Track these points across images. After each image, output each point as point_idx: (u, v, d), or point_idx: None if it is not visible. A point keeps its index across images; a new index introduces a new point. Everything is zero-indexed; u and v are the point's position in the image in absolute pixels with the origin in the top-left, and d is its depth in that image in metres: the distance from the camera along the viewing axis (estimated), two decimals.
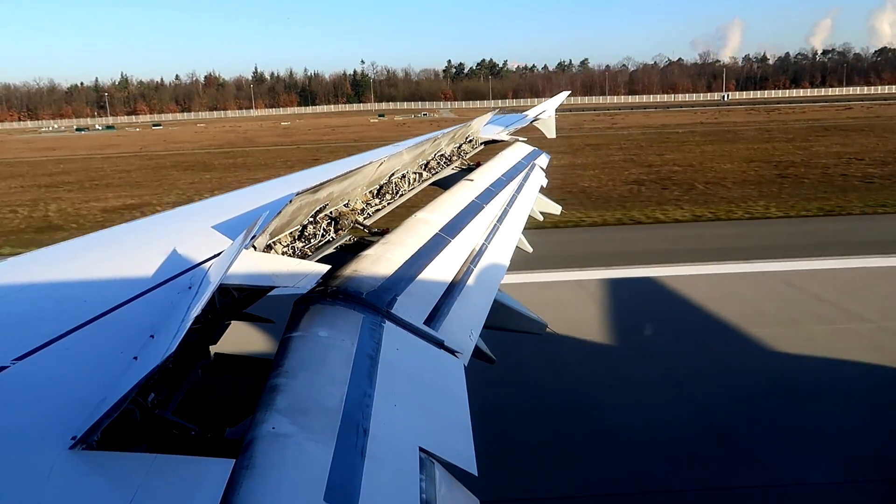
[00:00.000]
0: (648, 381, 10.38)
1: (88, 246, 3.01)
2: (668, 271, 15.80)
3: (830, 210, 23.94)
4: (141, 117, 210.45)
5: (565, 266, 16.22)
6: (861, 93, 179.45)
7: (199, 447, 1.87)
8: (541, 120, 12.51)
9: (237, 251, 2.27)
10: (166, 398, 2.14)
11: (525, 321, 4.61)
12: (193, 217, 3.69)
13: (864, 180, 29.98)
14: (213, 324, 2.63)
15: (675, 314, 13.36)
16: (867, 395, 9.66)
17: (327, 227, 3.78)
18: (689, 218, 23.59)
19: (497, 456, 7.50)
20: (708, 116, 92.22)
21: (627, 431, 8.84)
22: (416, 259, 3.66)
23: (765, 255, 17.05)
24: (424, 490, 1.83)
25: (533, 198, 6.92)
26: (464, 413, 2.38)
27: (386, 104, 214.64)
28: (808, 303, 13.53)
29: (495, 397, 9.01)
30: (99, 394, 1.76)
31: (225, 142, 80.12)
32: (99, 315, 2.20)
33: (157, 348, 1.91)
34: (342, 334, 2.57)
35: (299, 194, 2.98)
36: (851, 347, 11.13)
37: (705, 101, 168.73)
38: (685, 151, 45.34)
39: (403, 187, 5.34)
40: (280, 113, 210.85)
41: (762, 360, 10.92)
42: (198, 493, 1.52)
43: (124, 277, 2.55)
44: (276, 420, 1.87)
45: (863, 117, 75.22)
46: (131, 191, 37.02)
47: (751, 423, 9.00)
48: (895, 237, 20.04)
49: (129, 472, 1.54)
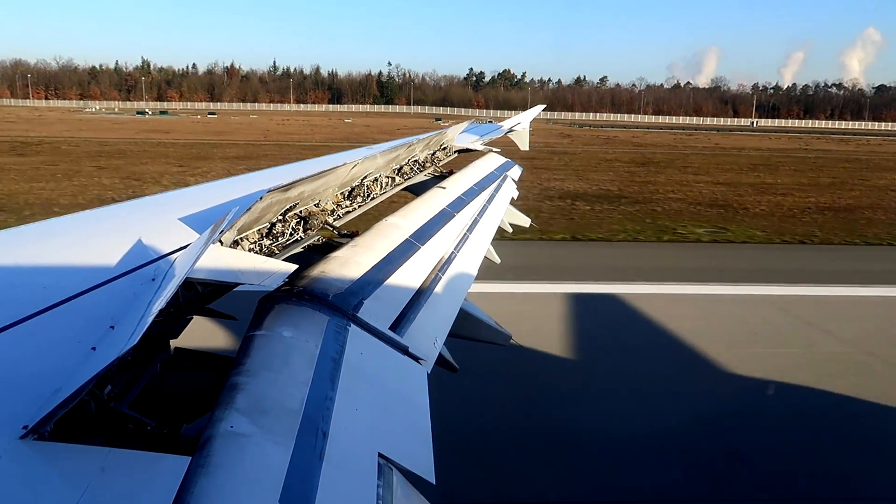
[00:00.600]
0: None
1: (50, 231, 2.94)
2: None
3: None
4: (172, 104, 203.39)
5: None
6: (886, 128, 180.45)
7: (154, 443, 1.84)
8: (515, 132, 12.61)
9: (204, 245, 2.24)
10: (123, 391, 2.10)
11: (490, 331, 4.64)
12: (160, 208, 3.63)
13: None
14: (175, 318, 2.59)
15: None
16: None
17: (296, 227, 3.76)
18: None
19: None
20: (800, 143, 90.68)
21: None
22: (385, 264, 3.66)
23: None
24: (381, 496, 1.83)
25: (504, 209, 6.96)
26: (424, 420, 2.39)
27: (417, 108, 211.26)
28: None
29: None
30: (54, 383, 1.72)
31: (342, 136, 76.69)
32: (58, 303, 2.15)
33: (118, 340, 1.88)
34: (306, 335, 2.55)
35: (270, 191, 2.96)
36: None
37: (738, 126, 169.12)
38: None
39: (375, 190, 5.33)
40: (317, 109, 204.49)
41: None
42: (151, 489, 1.50)
43: (86, 265, 2.49)
44: (234, 419, 1.85)
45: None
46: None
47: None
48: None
49: (81, 465, 1.51)
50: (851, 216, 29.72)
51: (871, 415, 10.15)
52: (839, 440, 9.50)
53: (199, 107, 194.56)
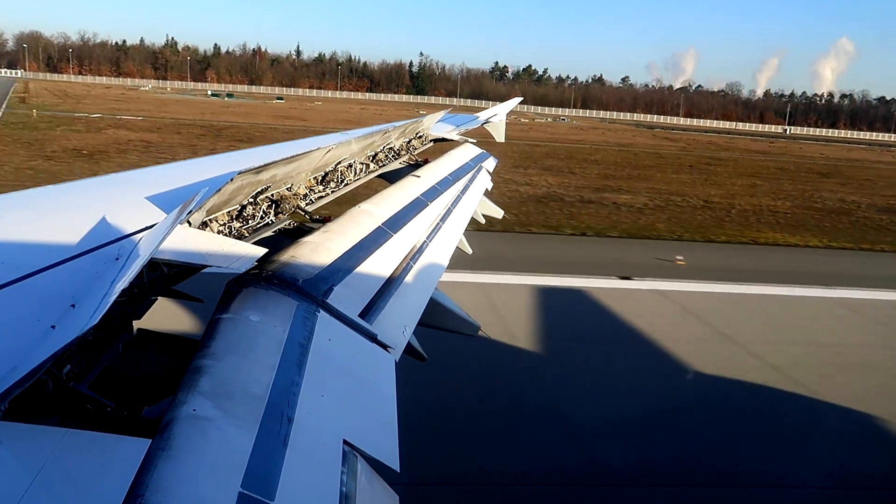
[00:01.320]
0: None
1: (11, 205, 2.85)
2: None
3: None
4: (211, 85, 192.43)
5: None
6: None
7: (114, 424, 1.80)
8: (492, 123, 12.61)
9: (171, 225, 2.19)
10: (83, 371, 2.06)
11: (459, 322, 4.64)
12: (126, 186, 3.54)
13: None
14: (139, 298, 2.54)
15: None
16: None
17: (267, 210, 3.71)
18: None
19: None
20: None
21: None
22: (356, 250, 3.64)
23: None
24: (345, 483, 1.82)
25: (477, 200, 6.97)
26: (391, 409, 2.38)
27: (452, 99, 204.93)
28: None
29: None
30: (10, 361, 1.67)
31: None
32: (16, 279, 2.08)
33: (78, 319, 1.83)
34: (274, 320, 2.52)
35: (241, 173, 2.91)
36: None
37: (774, 134, 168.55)
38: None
39: (349, 177, 5.29)
40: (361, 97, 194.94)
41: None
42: (110, 471, 1.47)
43: (48, 242, 2.43)
44: (197, 402, 1.82)
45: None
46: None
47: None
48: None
49: (37, 445, 1.47)
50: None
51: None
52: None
53: (241, 90, 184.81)
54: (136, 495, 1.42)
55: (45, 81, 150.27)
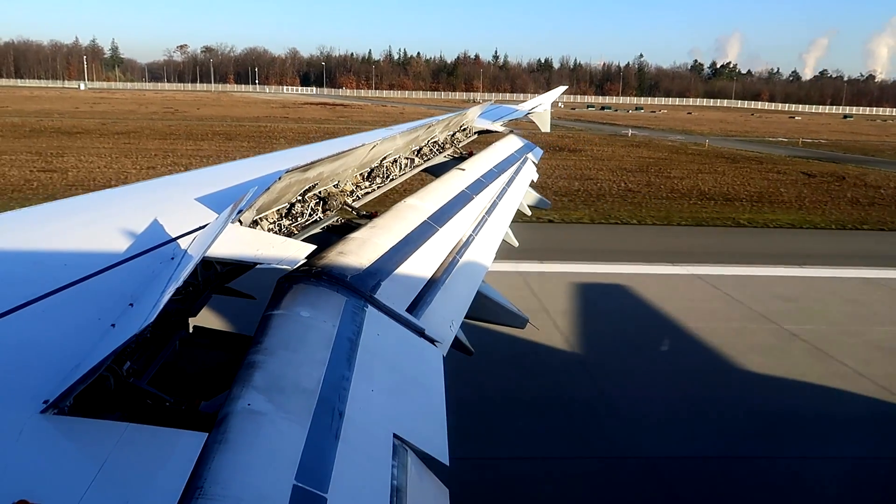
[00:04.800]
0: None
1: (69, 210, 2.96)
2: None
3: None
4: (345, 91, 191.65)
5: None
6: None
7: (172, 419, 1.86)
8: (535, 113, 12.50)
9: (223, 224, 2.25)
10: (142, 368, 2.12)
11: (507, 315, 4.62)
12: (178, 188, 3.64)
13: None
14: (194, 296, 2.60)
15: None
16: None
17: (315, 207, 3.76)
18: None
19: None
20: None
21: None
22: (403, 245, 3.65)
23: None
24: (396, 476, 1.84)
25: (523, 192, 6.92)
26: (439, 403, 2.39)
27: (491, 94, 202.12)
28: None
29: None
30: (74, 359, 1.74)
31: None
32: (77, 280, 2.17)
33: (136, 317, 1.89)
34: (324, 315, 2.56)
35: (289, 172, 2.95)
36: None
37: (831, 114, 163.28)
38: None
39: (394, 172, 5.32)
40: (453, 97, 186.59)
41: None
42: (169, 464, 1.51)
43: (105, 244, 2.51)
44: (251, 397, 1.86)
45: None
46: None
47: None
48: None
49: (100, 439, 1.53)
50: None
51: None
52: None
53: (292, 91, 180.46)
54: (195, 487, 1.46)
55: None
